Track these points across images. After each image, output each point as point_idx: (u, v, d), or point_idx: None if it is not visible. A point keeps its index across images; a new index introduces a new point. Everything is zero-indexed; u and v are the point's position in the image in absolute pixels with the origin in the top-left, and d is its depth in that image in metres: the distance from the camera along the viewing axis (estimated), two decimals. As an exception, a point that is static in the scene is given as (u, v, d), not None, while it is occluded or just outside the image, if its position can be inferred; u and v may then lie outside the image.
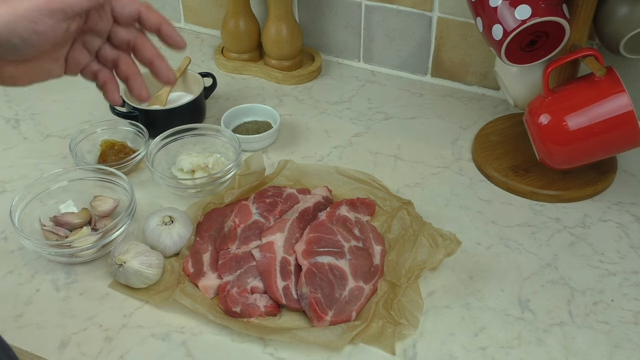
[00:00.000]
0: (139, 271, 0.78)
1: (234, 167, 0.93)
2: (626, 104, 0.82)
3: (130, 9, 0.63)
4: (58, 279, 0.83)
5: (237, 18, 1.18)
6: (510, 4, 0.82)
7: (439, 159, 1.01)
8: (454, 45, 1.13)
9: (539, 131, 0.88)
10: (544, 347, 0.74)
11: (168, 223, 0.84)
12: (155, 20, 0.64)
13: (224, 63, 1.23)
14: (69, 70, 0.64)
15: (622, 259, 0.84)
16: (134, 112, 1.03)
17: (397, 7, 1.13)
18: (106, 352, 0.74)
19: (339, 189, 0.94)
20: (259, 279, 0.78)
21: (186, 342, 0.75)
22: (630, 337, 0.75)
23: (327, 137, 1.06)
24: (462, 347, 0.74)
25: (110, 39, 0.65)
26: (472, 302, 0.79)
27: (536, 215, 0.91)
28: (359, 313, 0.76)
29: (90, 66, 0.65)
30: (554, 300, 0.79)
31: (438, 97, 1.15)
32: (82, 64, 0.65)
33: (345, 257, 0.80)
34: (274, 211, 0.87)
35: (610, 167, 0.97)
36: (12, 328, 0.76)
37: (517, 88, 0.95)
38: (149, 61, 0.66)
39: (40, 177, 0.89)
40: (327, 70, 1.23)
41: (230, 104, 1.12)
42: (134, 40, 0.65)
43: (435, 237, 0.83)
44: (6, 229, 0.89)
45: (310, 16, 1.22)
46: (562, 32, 0.83)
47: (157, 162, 0.95)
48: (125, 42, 0.65)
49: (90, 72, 0.66)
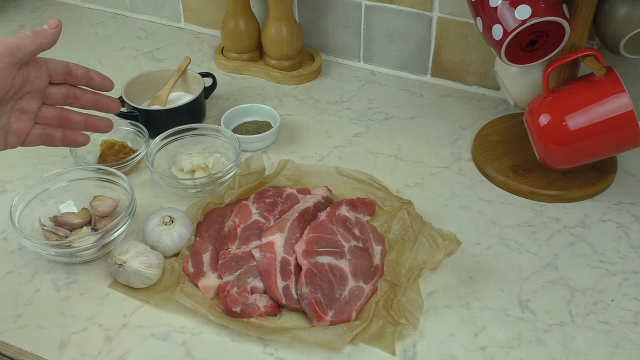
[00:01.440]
0: (139, 271, 0.78)
1: (234, 167, 0.93)
2: (626, 104, 0.82)
3: (61, 64, 0.70)
4: (58, 279, 0.83)
5: (237, 18, 1.18)
6: (510, 4, 0.82)
7: (439, 159, 1.01)
8: (454, 45, 1.13)
9: (539, 131, 0.88)
10: (544, 347, 0.74)
11: (168, 223, 0.84)
12: (83, 70, 0.71)
13: (224, 63, 1.23)
14: (10, 140, 0.68)
15: (622, 259, 0.84)
16: (134, 112, 1.03)
17: (397, 7, 1.13)
18: (106, 352, 0.74)
19: (339, 189, 0.94)
20: (259, 279, 0.78)
21: (186, 342, 0.75)
22: (630, 337, 0.75)
23: (327, 137, 1.06)
24: (462, 347, 0.74)
25: (47, 101, 0.70)
26: (472, 302, 0.79)
27: (536, 215, 0.91)
28: (359, 313, 0.76)
29: (33, 131, 0.69)
30: (554, 300, 0.79)
31: (438, 97, 1.15)
32: (24, 131, 0.68)
33: (345, 257, 0.80)
34: (274, 211, 0.87)
35: (610, 167, 0.97)
36: (12, 328, 0.76)
37: (517, 88, 0.95)
38: (92, 103, 0.73)
39: (40, 177, 0.89)
40: (327, 70, 1.23)
41: (230, 104, 1.12)
42: (71, 92, 0.71)
43: (435, 237, 0.83)
44: (6, 229, 0.89)
45: (310, 16, 1.22)
46: (562, 32, 0.83)
47: (157, 162, 0.95)
48: (63, 96, 0.70)
49: (36, 135, 0.71)
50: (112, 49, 1.31)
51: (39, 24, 1.39)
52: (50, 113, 0.70)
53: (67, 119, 0.72)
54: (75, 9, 1.44)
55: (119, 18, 1.41)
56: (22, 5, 1.45)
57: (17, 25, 1.38)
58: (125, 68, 1.24)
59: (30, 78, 0.66)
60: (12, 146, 0.69)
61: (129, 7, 1.40)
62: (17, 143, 0.69)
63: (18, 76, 0.64)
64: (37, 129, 0.70)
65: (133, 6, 1.39)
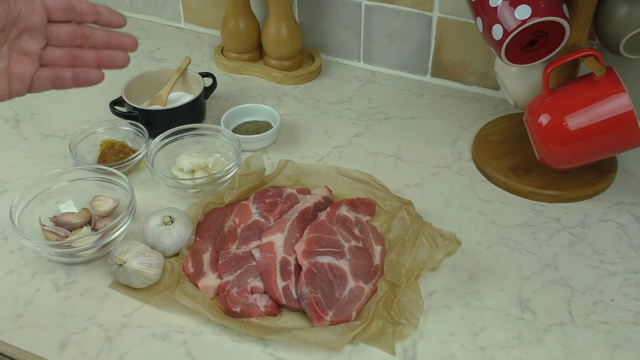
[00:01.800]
0: (139, 271, 0.78)
1: (234, 167, 0.93)
2: (626, 104, 0.82)
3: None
4: (58, 279, 0.82)
5: (237, 18, 1.18)
6: (510, 4, 0.82)
7: (439, 159, 1.01)
8: (454, 45, 1.13)
9: (539, 131, 0.88)
10: (544, 347, 0.74)
11: (168, 223, 0.84)
12: (88, 4, 0.62)
13: (224, 63, 1.23)
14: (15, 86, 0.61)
15: (622, 259, 0.84)
16: (134, 112, 1.03)
17: (397, 7, 1.13)
18: (106, 352, 0.74)
19: (339, 189, 0.94)
20: (259, 279, 0.78)
21: (186, 342, 0.75)
22: (630, 337, 0.75)
23: (327, 137, 1.06)
24: (462, 347, 0.74)
25: (51, 41, 0.62)
26: (472, 302, 0.79)
27: (536, 215, 0.91)
28: (359, 313, 0.76)
29: (39, 74, 0.62)
30: (554, 300, 0.79)
31: (438, 97, 1.15)
32: (28, 74, 0.61)
33: (345, 257, 0.80)
34: (274, 211, 0.87)
35: (610, 167, 0.97)
36: (12, 328, 0.76)
37: (517, 88, 0.95)
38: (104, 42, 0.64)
39: (40, 177, 0.89)
40: (327, 70, 1.23)
41: (230, 104, 1.12)
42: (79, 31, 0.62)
43: (435, 237, 0.83)
44: (6, 229, 0.89)
45: (310, 16, 1.22)
46: (562, 32, 0.83)
47: (157, 162, 0.95)
48: (69, 36, 0.62)
49: (44, 78, 0.62)
50: (112, 49, 1.30)
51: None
52: (57, 53, 0.62)
53: (77, 58, 0.63)
54: (75, 9, 1.44)
55: (119, 18, 1.41)
56: (22, 5, 1.45)
57: (17, 25, 1.38)
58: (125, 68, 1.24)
59: (22, 13, 0.59)
60: (19, 92, 0.61)
61: (129, 7, 1.40)
62: (22, 89, 0.61)
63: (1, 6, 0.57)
64: (44, 71, 0.62)
65: (133, 6, 1.39)
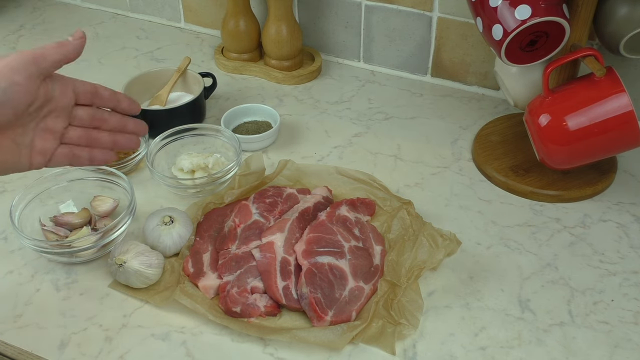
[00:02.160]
0: (139, 271, 0.78)
1: (234, 167, 0.93)
2: (626, 104, 0.82)
3: (89, 84, 0.69)
4: (58, 279, 0.83)
5: (237, 18, 1.18)
6: (510, 4, 0.82)
7: (439, 159, 1.01)
8: (454, 45, 1.13)
9: (539, 131, 0.88)
10: (544, 347, 0.74)
11: (168, 223, 0.84)
12: (110, 92, 0.70)
13: (224, 63, 1.23)
14: (35, 160, 0.67)
15: (622, 259, 0.84)
16: (134, 112, 1.03)
17: (397, 7, 1.13)
18: (106, 352, 0.74)
19: (339, 189, 0.94)
20: (259, 279, 0.78)
21: (186, 342, 0.75)
22: (630, 337, 0.75)
23: (327, 137, 1.06)
24: (462, 347, 0.74)
25: (73, 122, 0.69)
26: (472, 302, 0.79)
27: (536, 215, 0.91)
28: (359, 313, 0.76)
29: (59, 151, 0.68)
30: (554, 300, 0.79)
31: (438, 97, 1.15)
32: (49, 150, 0.67)
33: (345, 257, 0.80)
34: (274, 211, 0.87)
35: (610, 167, 0.97)
36: (12, 328, 0.76)
37: (517, 88, 0.95)
38: (119, 126, 0.72)
39: (40, 177, 0.89)
40: (327, 70, 1.23)
41: (230, 104, 1.12)
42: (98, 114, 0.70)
43: (435, 237, 0.83)
44: (6, 229, 0.89)
45: (310, 16, 1.22)
46: (562, 32, 0.83)
47: (157, 162, 0.95)
48: (89, 118, 0.69)
49: (62, 155, 0.69)
50: (112, 49, 1.31)
51: (39, 24, 1.39)
52: (77, 133, 0.69)
53: (94, 139, 0.70)
54: (75, 9, 1.44)
55: (119, 18, 1.41)
56: (22, 5, 1.45)
57: (17, 25, 1.38)
58: (125, 68, 1.24)
59: (56, 94, 0.65)
60: (38, 166, 0.67)
61: (129, 7, 1.40)
62: (42, 163, 0.67)
63: (42, 88, 0.63)
64: (63, 148, 0.68)
65: (133, 6, 1.39)
